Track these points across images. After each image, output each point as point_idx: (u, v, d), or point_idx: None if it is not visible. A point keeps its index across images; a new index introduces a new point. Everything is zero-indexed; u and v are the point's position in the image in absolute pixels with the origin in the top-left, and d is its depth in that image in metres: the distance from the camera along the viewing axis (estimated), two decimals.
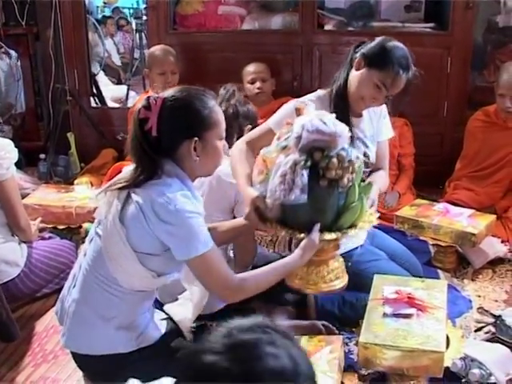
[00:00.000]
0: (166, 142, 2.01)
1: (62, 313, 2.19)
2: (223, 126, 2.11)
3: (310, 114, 2.14)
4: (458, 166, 3.92)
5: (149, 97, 2.03)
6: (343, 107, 2.58)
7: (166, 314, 2.31)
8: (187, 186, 2.04)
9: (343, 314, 2.66)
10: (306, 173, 2.04)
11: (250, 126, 2.69)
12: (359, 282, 2.52)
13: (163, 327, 2.20)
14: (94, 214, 2.17)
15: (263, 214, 2.22)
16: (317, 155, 2.05)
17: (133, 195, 1.99)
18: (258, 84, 4.18)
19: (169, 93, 2.05)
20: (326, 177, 2.06)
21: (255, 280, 2.10)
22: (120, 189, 2.03)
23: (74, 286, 2.13)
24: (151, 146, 2.00)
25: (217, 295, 2.16)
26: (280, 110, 2.62)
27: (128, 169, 2.09)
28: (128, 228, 1.99)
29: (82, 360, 2.17)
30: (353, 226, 2.18)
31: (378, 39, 2.61)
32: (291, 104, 2.58)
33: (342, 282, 2.30)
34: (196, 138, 2.02)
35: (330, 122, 2.08)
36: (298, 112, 2.19)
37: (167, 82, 4.09)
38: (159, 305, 2.44)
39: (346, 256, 2.55)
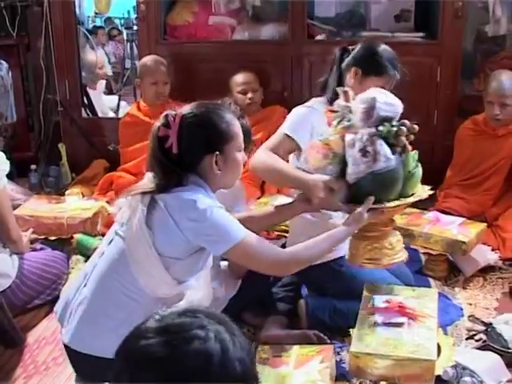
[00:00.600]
0: (187, 158, 2.05)
1: (64, 311, 2.16)
2: (241, 137, 2.16)
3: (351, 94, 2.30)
4: (448, 174, 3.93)
5: (167, 114, 2.05)
6: None
7: None
8: (210, 196, 2.08)
9: (334, 323, 2.66)
10: (383, 142, 2.14)
11: None
12: (351, 286, 2.55)
13: None
14: (115, 217, 2.18)
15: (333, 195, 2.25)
16: (387, 125, 2.16)
17: (159, 200, 2.02)
18: (249, 95, 4.17)
19: (186, 109, 2.08)
20: (397, 145, 2.17)
21: (307, 250, 2.15)
22: (144, 193, 2.05)
23: (86, 285, 2.12)
24: (173, 162, 2.03)
25: (271, 273, 2.34)
26: (291, 117, 2.67)
27: (150, 175, 2.11)
28: (155, 232, 2.03)
29: (80, 360, 2.12)
30: (412, 194, 2.32)
31: (364, 45, 2.71)
32: (301, 109, 2.67)
33: (402, 256, 2.38)
34: (217, 152, 2.06)
35: (390, 95, 2.24)
36: (346, 95, 2.30)
37: (159, 92, 4.12)
38: None
39: (340, 260, 2.58)
